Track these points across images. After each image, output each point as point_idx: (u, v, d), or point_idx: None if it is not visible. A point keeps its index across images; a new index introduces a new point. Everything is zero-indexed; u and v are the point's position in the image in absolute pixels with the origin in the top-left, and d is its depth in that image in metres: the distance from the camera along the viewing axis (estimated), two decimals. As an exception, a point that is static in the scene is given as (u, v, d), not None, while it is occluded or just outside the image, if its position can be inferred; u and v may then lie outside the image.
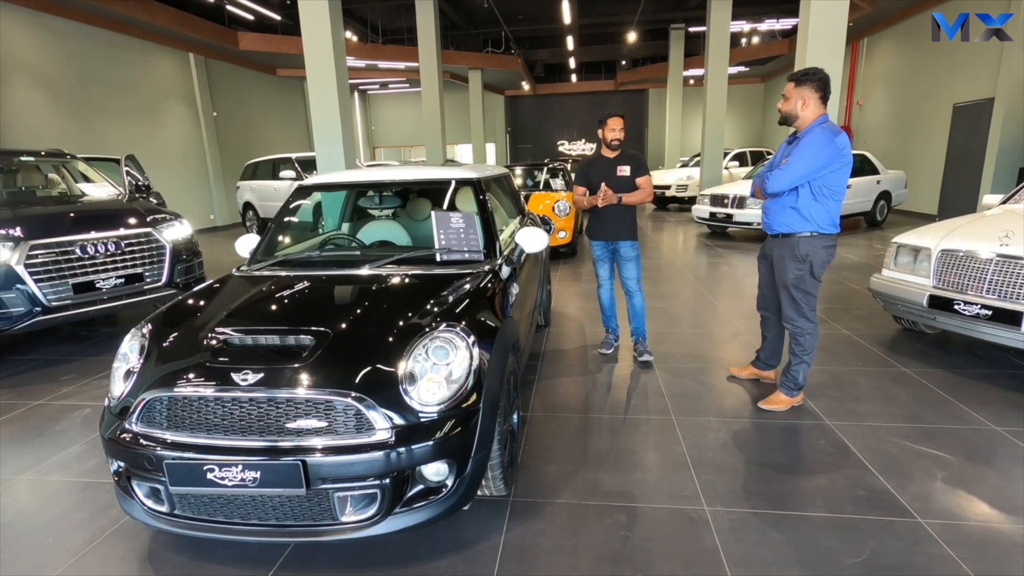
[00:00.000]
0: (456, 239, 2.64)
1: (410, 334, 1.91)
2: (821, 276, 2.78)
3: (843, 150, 2.58)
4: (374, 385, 1.77)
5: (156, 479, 1.77)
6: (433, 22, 11.80)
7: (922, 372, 3.42)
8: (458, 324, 1.97)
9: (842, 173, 2.64)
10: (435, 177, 3.06)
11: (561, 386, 3.39)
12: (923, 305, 3.45)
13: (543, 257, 4.28)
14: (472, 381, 1.88)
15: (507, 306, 2.44)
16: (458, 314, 2.05)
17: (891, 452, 2.52)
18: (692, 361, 3.75)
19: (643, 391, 3.28)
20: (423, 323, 1.97)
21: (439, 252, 2.60)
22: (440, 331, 1.91)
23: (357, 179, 3.05)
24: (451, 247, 2.63)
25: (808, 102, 2.65)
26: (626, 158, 3.57)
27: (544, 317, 4.41)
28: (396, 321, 2.01)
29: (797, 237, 2.72)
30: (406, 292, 2.31)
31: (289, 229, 3.16)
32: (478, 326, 2.06)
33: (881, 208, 9.76)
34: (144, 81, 11.73)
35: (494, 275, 2.50)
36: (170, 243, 4.51)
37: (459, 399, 1.84)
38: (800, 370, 2.90)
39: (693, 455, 2.54)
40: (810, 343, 2.86)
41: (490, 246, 2.69)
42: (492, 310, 2.27)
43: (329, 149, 7.27)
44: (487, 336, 2.05)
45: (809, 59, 6.35)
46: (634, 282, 3.64)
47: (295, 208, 3.06)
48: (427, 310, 2.07)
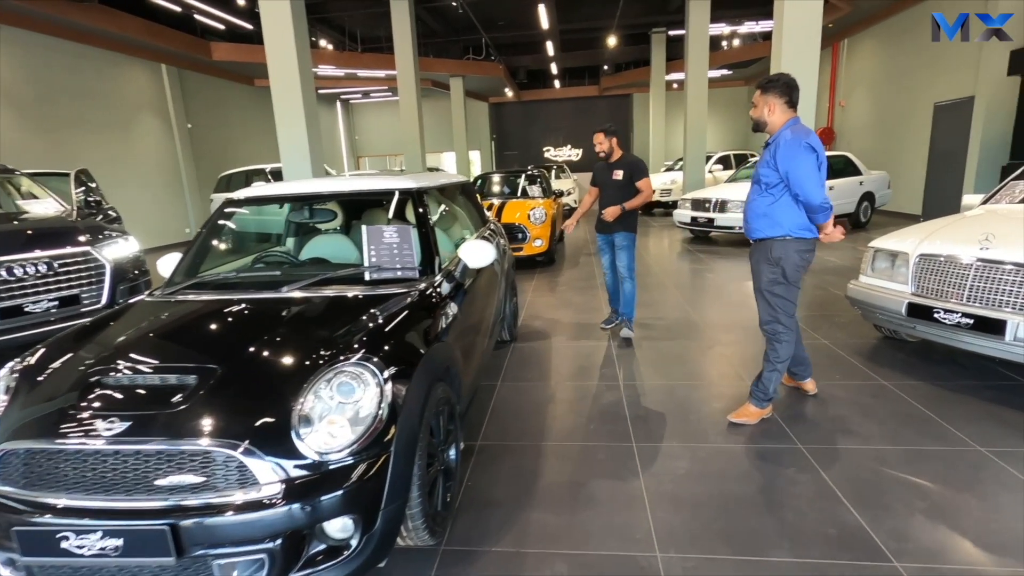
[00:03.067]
0: (389, 255, 2.41)
1: (312, 368, 1.68)
2: (797, 282, 2.73)
3: (817, 149, 2.56)
4: (262, 431, 1.53)
5: (9, 547, 1.52)
6: (409, 28, 11.62)
7: (902, 385, 3.21)
8: (371, 354, 1.74)
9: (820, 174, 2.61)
10: (369, 188, 2.81)
11: (519, 409, 3.15)
12: (901, 313, 3.25)
13: (506, 268, 4.06)
14: (384, 421, 1.64)
15: (442, 328, 2.21)
16: (375, 342, 1.82)
17: (867, 480, 2.30)
18: (662, 378, 3.53)
19: (606, 413, 3.05)
20: (330, 354, 1.73)
21: (368, 270, 2.37)
22: (347, 364, 1.68)
23: (288, 192, 2.80)
24: (383, 264, 2.40)
25: (774, 108, 2.66)
26: (621, 164, 4.12)
27: (509, 332, 4.18)
28: (299, 353, 1.78)
29: (771, 241, 2.70)
30: (321, 317, 2.07)
31: (219, 246, 2.92)
32: (398, 355, 1.83)
33: (865, 209, 9.63)
34: (115, 93, 11.47)
35: (430, 293, 2.28)
36: (111, 262, 4.24)
37: (366, 442, 1.60)
38: (772, 379, 2.81)
39: (651, 488, 2.31)
40: (785, 351, 2.78)
41: (428, 262, 2.46)
42: (421, 334, 2.04)
43: (295, 161, 7.03)
44: (409, 366, 1.82)
45: (785, 60, 6.21)
46: (625, 269, 4.16)
47: (221, 224, 2.82)
48: (339, 338, 1.83)
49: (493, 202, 7.90)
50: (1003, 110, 8.83)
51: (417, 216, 2.62)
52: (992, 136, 8.93)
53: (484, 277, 3.18)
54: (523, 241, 7.22)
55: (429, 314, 2.19)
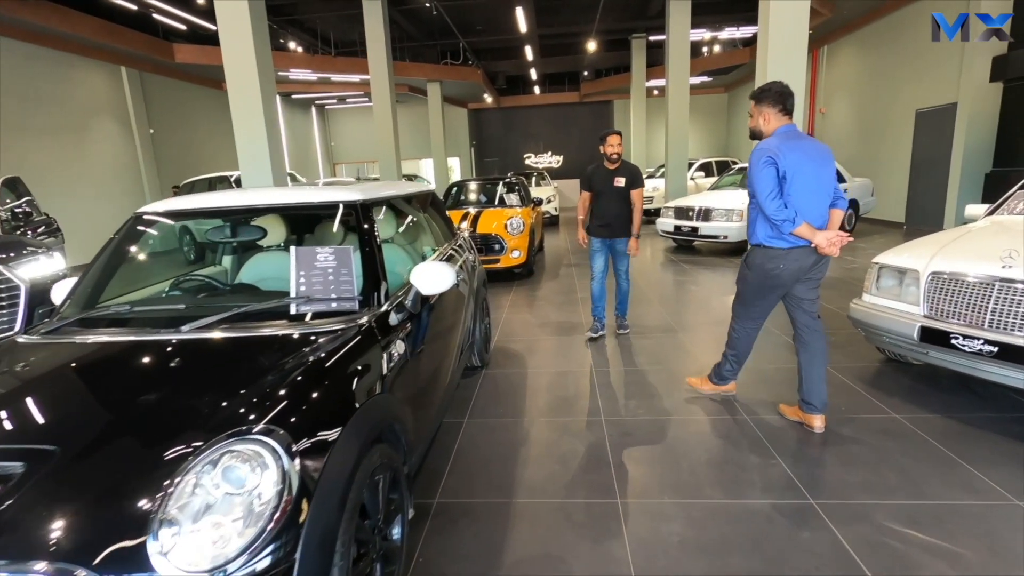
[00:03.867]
0: (323, 283, 1.99)
1: (190, 447, 1.25)
2: (760, 289, 2.79)
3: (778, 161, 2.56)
4: (105, 545, 1.10)
5: None
6: (383, 30, 11.20)
7: (915, 419, 2.87)
8: (277, 423, 1.32)
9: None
10: (300, 202, 2.37)
11: (487, 454, 2.74)
12: (913, 338, 2.92)
13: (476, 287, 3.66)
14: (289, 513, 1.23)
15: (385, 374, 1.80)
16: (286, 403, 1.40)
17: (892, 547, 1.94)
18: (649, 411, 3.15)
19: (587, 459, 2.66)
20: (218, 425, 1.31)
21: (295, 302, 1.94)
22: (239, 440, 1.26)
23: (199, 206, 2.34)
24: (314, 294, 1.98)
25: (769, 117, 2.69)
26: (624, 170, 4.15)
27: (480, 357, 3.77)
28: (177, 423, 1.35)
29: (750, 247, 2.84)
30: (220, 369, 1.63)
31: (133, 266, 2.46)
32: (317, 418, 1.42)
33: (849, 217, 9.42)
34: (69, 96, 10.83)
35: (372, 329, 1.86)
36: (27, 283, 3.74)
37: (261, 547, 1.18)
38: (722, 364, 3.14)
39: (639, 563, 1.91)
40: (740, 345, 3.01)
41: (371, 289, 2.04)
42: (355, 384, 1.63)
43: (254, 168, 6.55)
44: (333, 429, 1.41)
45: (770, 64, 5.96)
46: (624, 273, 4.37)
47: (131, 241, 2.36)
48: (236, 401, 1.41)
49: (469, 211, 7.51)
50: (986, 117, 8.72)
51: (361, 234, 2.20)
52: (975, 143, 8.81)
53: (447, 301, 2.77)
54: (500, 253, 6.83)
55: (369, 356, 1.78)
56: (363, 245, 2.17)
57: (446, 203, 8.57)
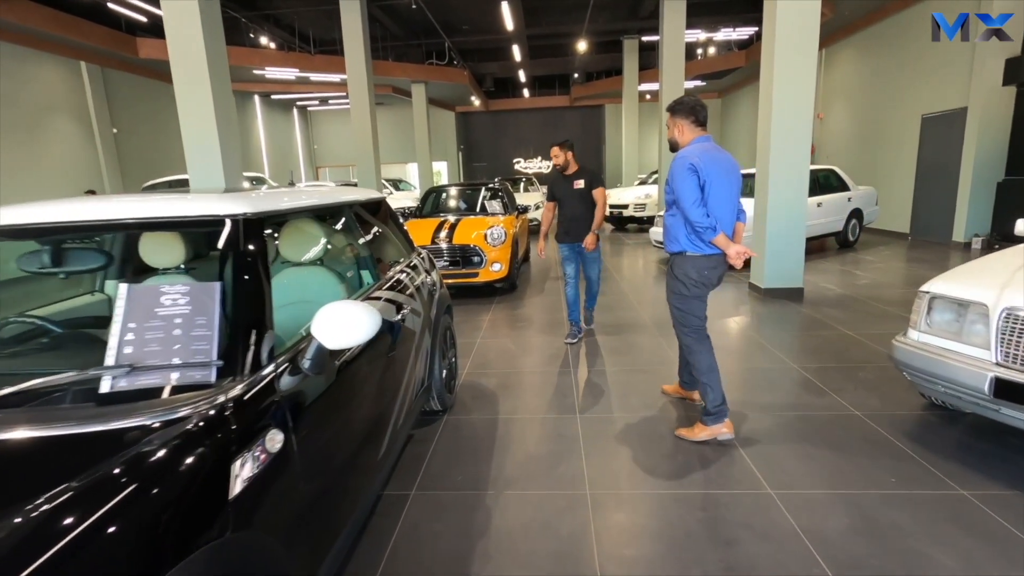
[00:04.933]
0: (164, 339, 1.32)
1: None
2: (702, 296, 2.77)
3: (699, 169, 2.58)
4: None
5: None
6: (361, 27, 10.58)
7: (988, 497, 2.24)
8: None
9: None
10: (154, 215, 1.64)
11: (431, 554, 2.07)
12: (983, 391, 2.29)
13: (434, 315, 3.00)
14: None
15: (246, 489, 1.14)
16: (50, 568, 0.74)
17: None
18: (642, 485, 2.49)
19: (559, 539, 1.99)
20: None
21: (111, 373, 1.26)
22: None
23: (36, 221, 1.65)
24: (148, 357, 1.30)
25: (683, 129, 2.74)
26: (583, 173, 4.32)
27: (440, 401, 3.09)
28: None
29: (673, 256, 2.81)
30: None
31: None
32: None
33: (853, 227, 8.88)
34: (20, 93, 10.07)
35: (237, 413, 1.20)
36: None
37: None
38: (706, 393, 2.75)
39: None
40: (701, 362, 2.77)
41: (243, 347, 1.38)
42: (190, 516, 0.97)
43: (202, 170, 5.85)
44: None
45: (777, 67, 5.38)
46: (595, 279, 4.51)
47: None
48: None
49: (447, 219, 6.84)
50: (998, 122, 8.21)
51: (238, 263, 1.53)
52: (987, 150, 8.30)
53: (381, 346, 2.11)
54: (479, 266, 6.17)
55: (223, 463, 1.11)
56: (240, 279, 1.50)
57: (421, 210, 7.90)
